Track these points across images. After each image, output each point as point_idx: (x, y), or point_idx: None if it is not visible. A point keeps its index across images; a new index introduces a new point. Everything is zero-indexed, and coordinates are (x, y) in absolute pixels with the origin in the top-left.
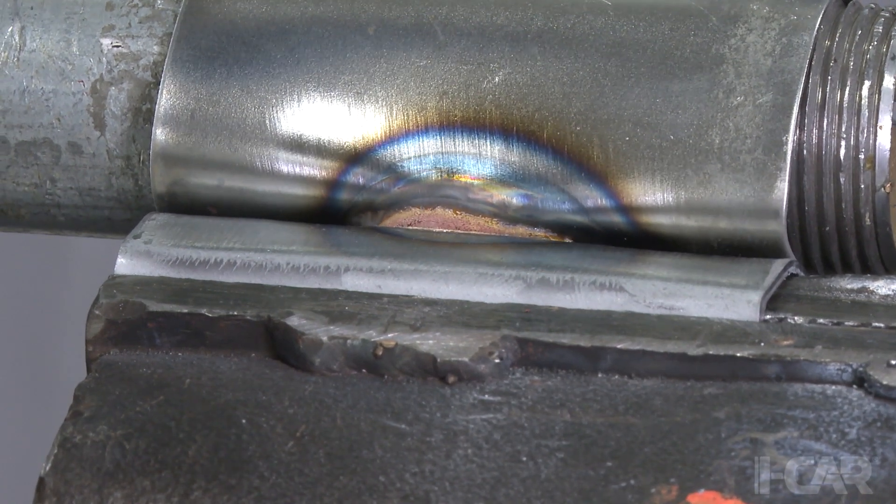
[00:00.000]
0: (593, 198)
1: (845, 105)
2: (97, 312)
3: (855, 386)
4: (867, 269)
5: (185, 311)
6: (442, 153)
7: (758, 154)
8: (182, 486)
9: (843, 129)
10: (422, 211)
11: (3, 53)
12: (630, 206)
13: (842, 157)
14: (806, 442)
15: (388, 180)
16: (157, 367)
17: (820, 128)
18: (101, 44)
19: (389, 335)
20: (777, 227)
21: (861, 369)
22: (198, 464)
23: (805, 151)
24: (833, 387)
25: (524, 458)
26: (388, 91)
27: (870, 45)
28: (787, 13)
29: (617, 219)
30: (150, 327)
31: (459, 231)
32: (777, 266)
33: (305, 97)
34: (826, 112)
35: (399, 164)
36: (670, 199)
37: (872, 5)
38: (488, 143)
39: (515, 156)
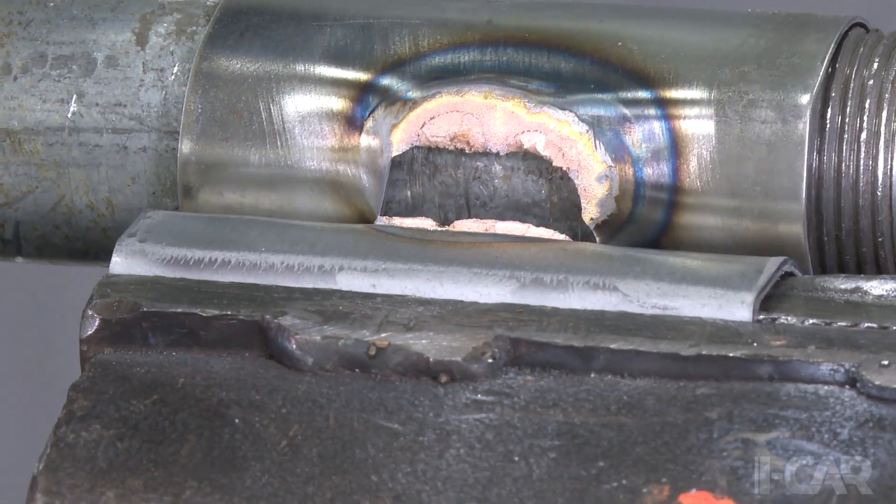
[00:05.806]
0: (627, 87)
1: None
2: (91, 312)
3: (847, 386)
4: (874, 226)
5: (179, 310)
6: (482, 60)
7: (795, 60)
8: (175, 486)
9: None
10: (450, 98)
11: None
12: (662, 98)
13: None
14: (798, 442)
15: (424, 79)
16: (150, 366)
17: (852, 67)
18: None
19: (383, 335)
20: (799, 154)
21: (853, 369)
22: (191, 463)
23: (833, 87)
24: (825, 387)
25: (516, 458)
26: (434, 18)
27: None
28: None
29: (648, 106)
30: (145, 326)
31: (462, 228)
32: (771, 266)
33: (349, 19)
34: (855, 61)
35: (437, 68)
36: (703, 91)
37: None
38: (530, 55)
39: (556, 62)
